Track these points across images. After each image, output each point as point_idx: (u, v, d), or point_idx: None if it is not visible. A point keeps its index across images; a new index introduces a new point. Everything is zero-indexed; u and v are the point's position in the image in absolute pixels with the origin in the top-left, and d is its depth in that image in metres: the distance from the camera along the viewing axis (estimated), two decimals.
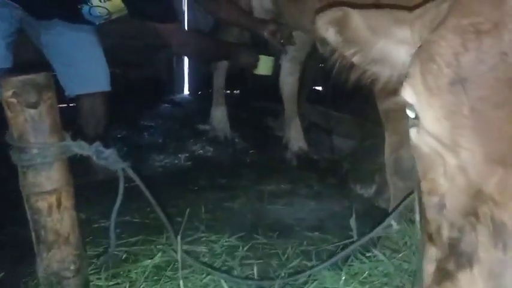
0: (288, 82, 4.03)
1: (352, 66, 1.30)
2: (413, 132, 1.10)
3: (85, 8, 2.98)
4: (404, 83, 1.08)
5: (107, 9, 2.99)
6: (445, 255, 1.01)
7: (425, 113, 1.03)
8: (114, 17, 3.12)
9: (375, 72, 1.28)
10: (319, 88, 5.15)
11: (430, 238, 1.07)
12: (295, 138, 3.97)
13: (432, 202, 1.06)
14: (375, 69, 1.27)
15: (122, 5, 2.99)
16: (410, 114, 1.08)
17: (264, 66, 3.40)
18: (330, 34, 1.24)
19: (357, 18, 1.20)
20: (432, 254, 1.06)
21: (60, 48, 3.15)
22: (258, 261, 2.28)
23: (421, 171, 1.11)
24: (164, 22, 2.98)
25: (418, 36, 1.15)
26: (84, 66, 3.21)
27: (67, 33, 3.12)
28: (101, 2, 2.95)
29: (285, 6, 3.21)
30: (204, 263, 2.17)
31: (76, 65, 3.18)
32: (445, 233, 1.02)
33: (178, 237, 1.88)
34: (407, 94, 1.07)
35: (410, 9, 1.21)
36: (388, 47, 1.20)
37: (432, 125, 1.02)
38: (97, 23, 3.16)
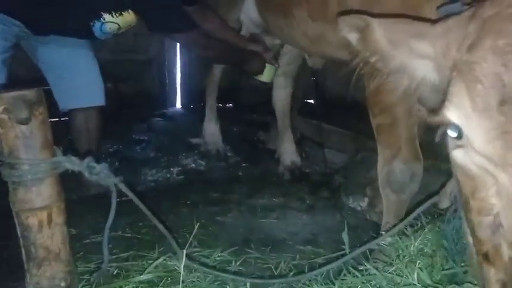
0: (281, 96, 4.06)
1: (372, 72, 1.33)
2: (458, 153, 1.10)
3: (97, 25, 2.99)
4: (448, 104, 1.08)
5: (118, 24, 3.01)
6: (509, 276, 1.01)
7: (476, 135, 1.04)
8: (120, 31, 3.15)
9: (393, 81, 1.31)
10: (311, 101, 5.18)
11: (487, 258, 1.07)
12: (288, 152, 3.98)
13: (485, 222, 1.06)
14: (394, 78, 1.29)
15: (133, 19, 3.02)
16: (452, 134, 1.08)
17: (267, 73, 3.53)
18: (352, 38, 1.28)
19: (378, 30, 1.22)
20: (491, 275, 1.05)
21: (56, 62, 3.15)
22: (251, 275, 2.27)
23: (468, 191, 1.11)
24: (185, 32, 3.02)
25: (441, 53, 1.16)
26: (80, 81, 3.22)
27: (63, 47, 3.12)
28: (113, 17, 2.97)
29: (274, 21, 3.24)
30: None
31: (72, 79, 3.18)
32: (506, 252, 1.02)
33: (184, 251, 1.87)
34: (454, 115, 1.07)
35: (430, 21, 1.23)
36: (408, 59, 1.23)
37: (484, 146, 1.02)
38: (103, 38, 3.18)
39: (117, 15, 2.97)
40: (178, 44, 5.35)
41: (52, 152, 1.41)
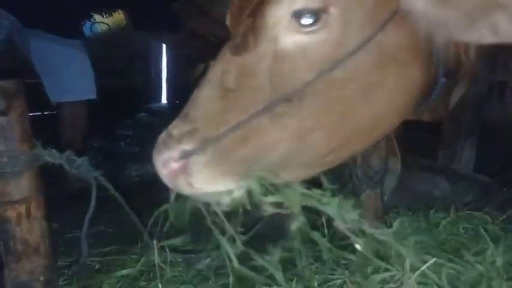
0: None
1: None
2: None
3: (87, 25, 2.98)
4: None
5: (108, 25, 3.01)
6: None
7: None
8: (110, 32, 3.15)
9: None
10: None
11: None
12: None
13: None
14: None
15: (122, 19, 3.02)
16: None
17: None
18: None
19: None
20: None
21: (48, 55, 3.13)
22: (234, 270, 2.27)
23: None
24: (170, 32, 3.02)
25: None
26: (71, 74, 3.20)
27: (56, 40, 3.10)
28: (103, 17, 2.96)
29: None
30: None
31: (63, 72, 3.16)
32: None
33: (154, 242, 1.87)
34: None
35: None
36: None
37: None
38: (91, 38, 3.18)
39: (107, 15, 2.96)
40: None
41: (31, 145, 1.40)
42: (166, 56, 5.91)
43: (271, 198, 1.31)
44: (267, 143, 1.26)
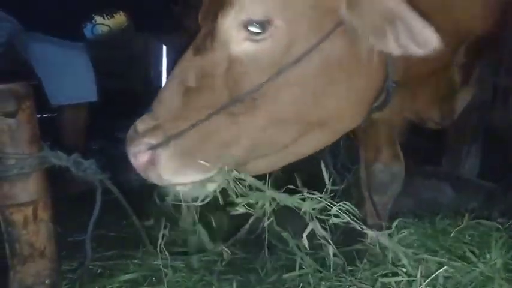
0: None
1: None
2: None
3: (88, 27, 2.98)
4: None
5: (109, 26, 3.00)
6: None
7: None
8: (111, 34, 3.14)
9: None
10: None
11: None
12: None
13: None
14: None
15: (123, 21, 3.01)
16: None
17: None
18: None
19: None
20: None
21: (49, 57, 3.12)
22: (237, 276, 2.26)
23: None
24: (171, 33, 3.01)
25: None
26: (72, 77, 3.19)
27: (57, 43, 3.09)
28: (104, 19, 2.96)
29: None
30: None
31: (64, 74, 3.15)
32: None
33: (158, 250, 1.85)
34: None
35: None
36: None
37: None
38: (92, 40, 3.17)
39: (108, 17, 2.96)
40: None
41: (39, 147, 1.39)
42: (167, 59, 5.89)
43: (241, 200, 1.45)
44: (226, 139, 1.38)
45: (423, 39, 1.21)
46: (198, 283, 2.18)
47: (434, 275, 1.51)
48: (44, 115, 3.55)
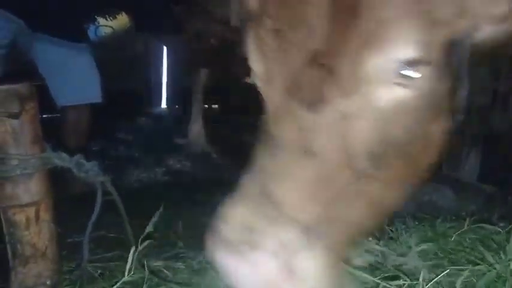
0: None
1: None
2: None
3: (92, 28, 2.98)
4: None
5: (112, 28, 3.00)
6: None
7: (251, 57, 1.15)
8: (115, 35, 3.14)
9: None
10: None
11: None
12: None
13: None
14: None
15: (127, 22, 3.01)
16: None
17: None
18: None
19: None
20: None
21: (54, 58, 3.12)
22: None
23: None
24: (172, 33, 3.02)
25: None
26: (77, 77, 3.20)
27: (62, 44, 3.09)
28: (107, 20, 2.96)
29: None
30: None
31: (69, 75, 3.16)
32: None
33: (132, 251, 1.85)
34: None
35: None
36: None
37: (254, 67, 1.14)
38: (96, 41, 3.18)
39: (111, 18, 2.96)
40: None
41: (42, 148, 1.39)
42: (167, 60, 5.90)
43: None
44: (363, 214, 1.09)
45: None
46: (198, 285, 2.18)
47: (437, 278, 1.50)
48: (45, 115, 3.55)
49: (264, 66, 1.10)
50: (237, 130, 4.90)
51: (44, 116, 3.42)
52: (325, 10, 1.00)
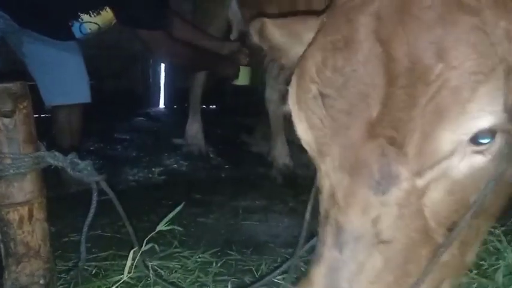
0: (273, 99, 3.98)
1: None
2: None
3: (76, 26, 2.95)
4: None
5: (97, 24, 2.97)
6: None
7: (297, 124, 1.10)
8: (101, 31, 3.10)
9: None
10: None
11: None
12: (281, 155, 3.91)
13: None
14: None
15: (112, 18, 2.98)
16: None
17: (242, 76, 3.47)
18: (257, 42, 1.30)
19: (271, 28, 1.25)
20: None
21: (43, 57, 3.10)
22: (232, 277, 2.27)
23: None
24: (152, 29, 2.98)
25: None
26: (66, 77, 3.17)
27: (50, 43, 3.07)
28: (91, 17, 2.93)
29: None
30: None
31: (58, 75, 3.14)
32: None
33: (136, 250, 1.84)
34: (289, 103, 1.12)
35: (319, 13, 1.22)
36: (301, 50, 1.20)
37: (302, 134, 1.09)
38: (83, 39, 3.15)
39: (95, 14, 2.93)
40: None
41: (35, 147, 1.39)
42: None
43: None
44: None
45: None
46: (193, 284, 2.19)
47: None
48: (42, 115, 3.54)
49: (312, 135, 1.06)
50: (234, 131, 4.90)
51: (42, 115, 3.44)
52: (381, 77, 0.95)
